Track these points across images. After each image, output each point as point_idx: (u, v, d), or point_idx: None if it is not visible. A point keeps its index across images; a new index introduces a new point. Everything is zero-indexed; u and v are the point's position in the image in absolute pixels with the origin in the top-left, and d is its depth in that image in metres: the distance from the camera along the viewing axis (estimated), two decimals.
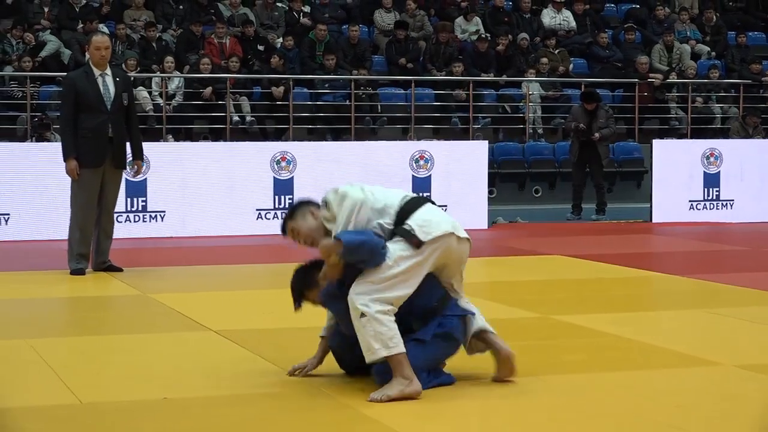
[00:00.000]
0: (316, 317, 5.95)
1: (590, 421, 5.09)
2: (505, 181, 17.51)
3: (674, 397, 5.47)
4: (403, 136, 16.99)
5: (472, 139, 17.01)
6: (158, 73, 16.39)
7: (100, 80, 10.00)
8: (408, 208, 5.53)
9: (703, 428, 5.02)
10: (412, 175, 14.64)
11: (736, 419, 5.13)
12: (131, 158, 10.32)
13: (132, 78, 13.37)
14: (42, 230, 12.81)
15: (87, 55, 10.60)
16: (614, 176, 17.60)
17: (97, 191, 9.99)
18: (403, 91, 17.77)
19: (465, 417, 5.21)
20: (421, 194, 6.88)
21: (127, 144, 10.15)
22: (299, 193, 14.38)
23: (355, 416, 5.17)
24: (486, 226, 14.20)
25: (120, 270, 10.07)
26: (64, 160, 9.95)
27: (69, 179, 9.93)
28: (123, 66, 16.14)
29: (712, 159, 15.54)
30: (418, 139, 16.17)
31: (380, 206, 5.53)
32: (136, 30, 17.40)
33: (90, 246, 10.07)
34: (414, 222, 5.46)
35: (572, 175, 15.94)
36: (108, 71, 10.09)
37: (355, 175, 14.62)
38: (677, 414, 5.17)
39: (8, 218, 12.82)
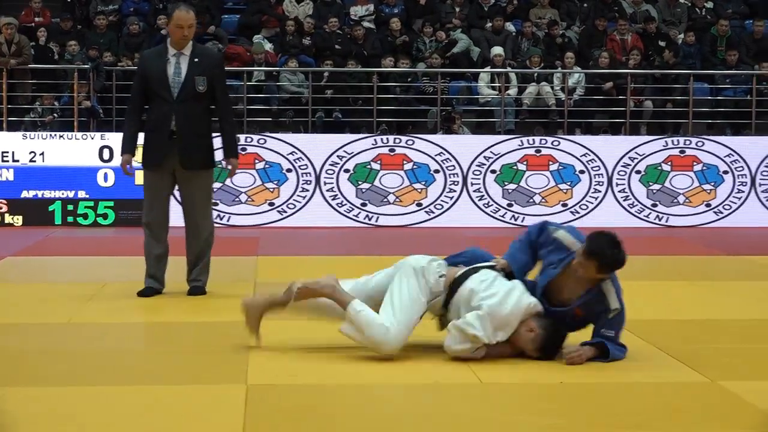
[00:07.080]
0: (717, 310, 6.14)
1: None
2: None
3: None
4: None
5: None
6: (559, 69, 16.85)
7: (173, 60, 8.24)
8: None
9: None
10: None
11: None
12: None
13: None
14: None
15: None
16: None
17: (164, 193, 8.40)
18: None
19: None
20: None
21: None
22: None
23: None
24: None
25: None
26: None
27: None
28: (527, 62, 16.73)
29: None
30: None
31: None
32: (540, 27, 17.94)
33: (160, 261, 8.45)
34: None
35: None
36: (187, 51, 8.25)
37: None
38: None
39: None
